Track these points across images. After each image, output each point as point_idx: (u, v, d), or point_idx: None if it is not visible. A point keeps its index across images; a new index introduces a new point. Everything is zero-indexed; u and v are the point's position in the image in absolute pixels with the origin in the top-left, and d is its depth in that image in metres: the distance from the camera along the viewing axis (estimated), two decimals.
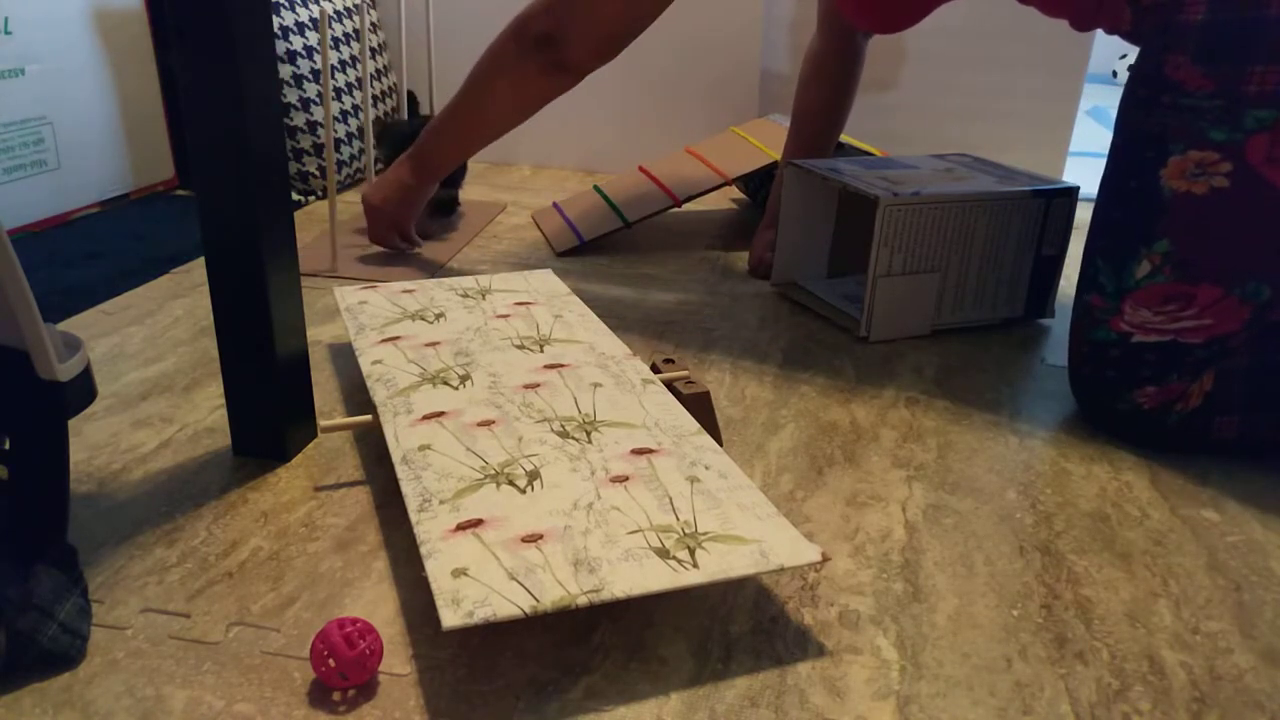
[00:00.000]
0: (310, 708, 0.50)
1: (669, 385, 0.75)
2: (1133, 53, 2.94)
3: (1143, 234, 0.79)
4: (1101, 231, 0.83)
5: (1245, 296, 0.77)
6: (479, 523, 0.56)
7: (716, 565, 0.53)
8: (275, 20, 1.45)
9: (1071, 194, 1.05)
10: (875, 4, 1.04)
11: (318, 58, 1.50)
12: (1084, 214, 1.30)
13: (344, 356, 0.94)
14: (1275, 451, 0.79)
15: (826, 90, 1.22)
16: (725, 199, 1.61)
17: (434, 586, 0.50)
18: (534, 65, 1.02)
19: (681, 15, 1.69)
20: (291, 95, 1.46)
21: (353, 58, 1.62)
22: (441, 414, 0.68)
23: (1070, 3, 0.89)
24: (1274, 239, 0.75)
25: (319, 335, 0.98)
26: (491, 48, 1.05)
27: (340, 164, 1.55)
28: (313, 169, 1.50)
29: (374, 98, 1.67)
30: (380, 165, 1.47)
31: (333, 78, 1.55)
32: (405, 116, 1.49)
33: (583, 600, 0.50)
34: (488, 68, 1.05)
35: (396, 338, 0.81)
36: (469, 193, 1.55)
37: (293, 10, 1.49)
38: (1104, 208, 0.83)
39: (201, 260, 1.19)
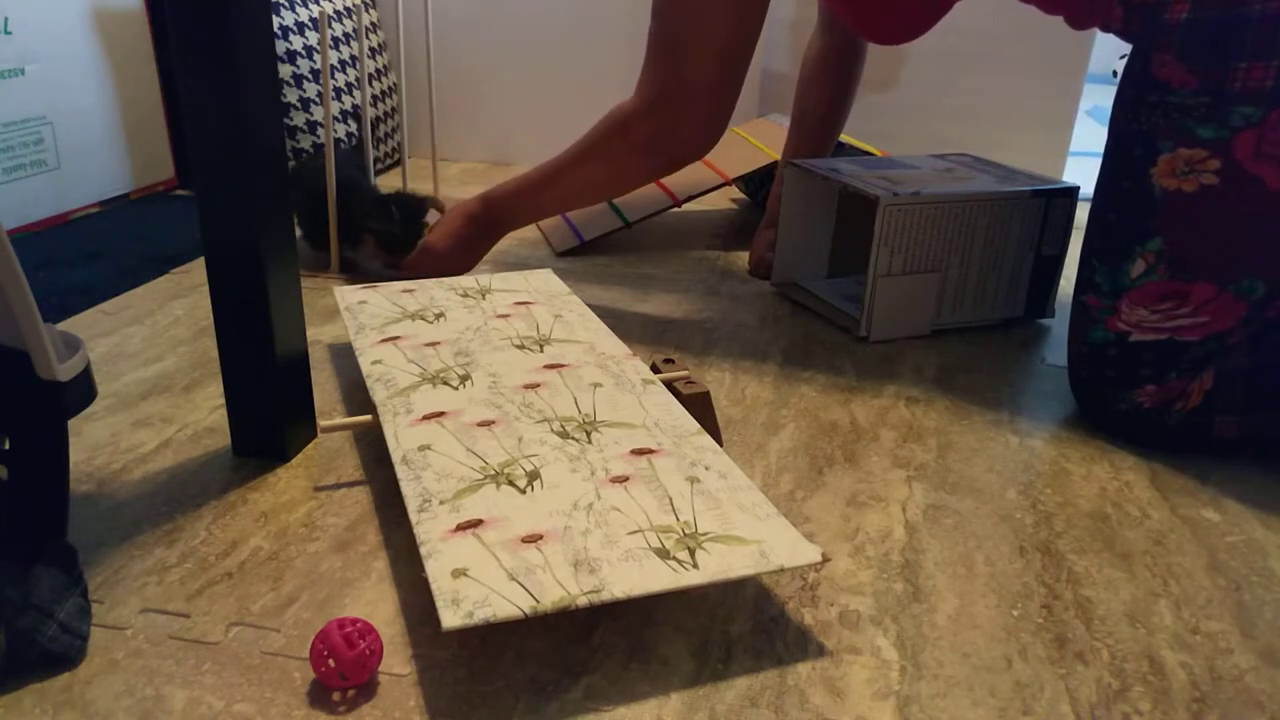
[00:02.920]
0: (310, 708, 0.50)
1: (669, 385, 0.75)
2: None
3: (1136, 233, 0.79)
4: (1097, 232, 0.83)
5: (1240, 293, 0.77)
6: (479, 523, 0.56)
7: (717, 566, 0.53)
8: (275, 20, 1.45)
9: (1072, 194, 1.05)
10: (877, 15, 1.04)
11: (317, 57, 1.50)
12: (1084, 214, 1.29)
13: (344, 356, 0.94)
14: (1276, 451, 0.79)
15: (828, 90, 1.22)
16: (725, 199, 1.61)
17: (434, 587, 0.50)
18: (648, 164, 1.00)
19: None
20: (291, 95, 1.46)
21: (352, 57, 1.62)
22: (441, 414, 0.68)
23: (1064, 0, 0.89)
24: (1266, 235, 0.75)
25: (319, 335, 0.98)
26: (595, 139, 1.02)
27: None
28: None
29: (373, 97, 1.67)
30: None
31: (332, 78, 1.55)
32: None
33: (583, 601, 0.50)
34: (590, 153, 1.02)
35: (396, 337, 0.81)
36: (469, 193, 1.55)
37: (292, 10, 1.49)
38: (1099, 208, 0.84)
39: (201, 260, 1.19)
